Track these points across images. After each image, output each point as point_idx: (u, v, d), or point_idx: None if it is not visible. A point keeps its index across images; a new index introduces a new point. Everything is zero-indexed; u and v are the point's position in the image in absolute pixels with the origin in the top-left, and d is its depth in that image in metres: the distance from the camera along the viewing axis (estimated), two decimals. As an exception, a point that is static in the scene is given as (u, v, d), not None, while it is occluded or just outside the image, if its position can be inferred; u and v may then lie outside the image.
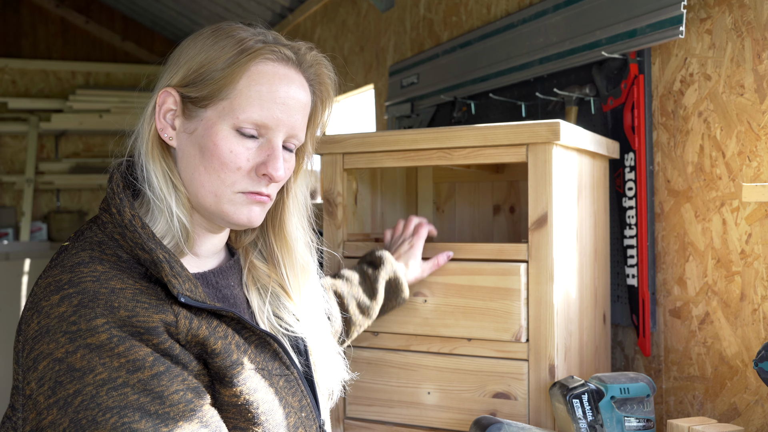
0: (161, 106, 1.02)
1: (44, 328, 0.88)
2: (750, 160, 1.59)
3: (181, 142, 1.03)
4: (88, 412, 0.84)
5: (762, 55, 1.57)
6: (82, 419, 0.84)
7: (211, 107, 1.00)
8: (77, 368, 0.85)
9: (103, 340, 0.86)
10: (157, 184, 1.00)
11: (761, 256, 1.56)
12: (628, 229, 1.85)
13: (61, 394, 0.85)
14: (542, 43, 2.12)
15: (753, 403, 1.58)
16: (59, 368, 0.86)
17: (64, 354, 0.86)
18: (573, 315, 1.56)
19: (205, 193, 1.02)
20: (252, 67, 1.01)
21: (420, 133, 1.57)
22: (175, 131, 1.03)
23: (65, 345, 0.86)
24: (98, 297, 0.88)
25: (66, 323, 0.87)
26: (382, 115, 3.32)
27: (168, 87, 1.01)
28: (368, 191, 1.91)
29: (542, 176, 1.46)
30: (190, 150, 1.02)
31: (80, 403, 0.84)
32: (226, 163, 1.00)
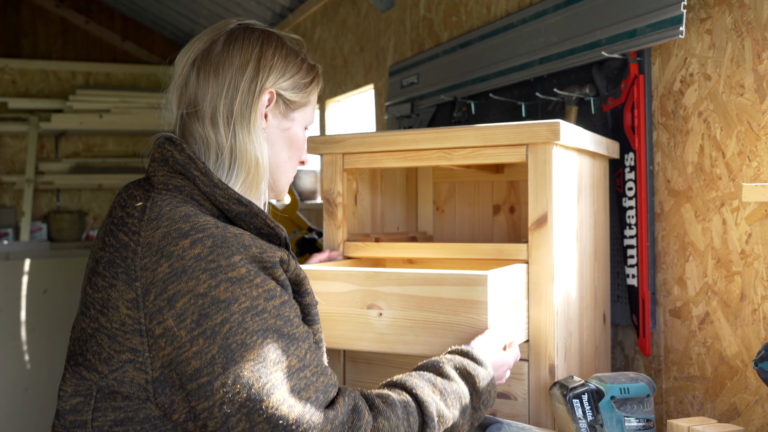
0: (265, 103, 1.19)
1: (179, 269, 1.01)
2: (750, 160, 1.59)
3: (271, 134, 1.22)
4: (237, 336, 0.99)
5: (762, 55, 1.57)
6: (231, 344, 0.98)
7: (299, 111, 1.25)
8: (222, 299, 0.99)
9: (243, 273, 1.01)
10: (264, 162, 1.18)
11: (761, 256, 1.56)
12: (628, 229, 1.85)
13: (208, 325, 0.99)
14: (542, 43, 2.12)
15: (753, 403, 1.58)
16: (203, 302, 0.99)
17: (206, 288, 0.99)
18: (573, 315, 1.56)
19: (284, 177, 1.25)
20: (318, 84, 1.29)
21: (420, 133, 1.57)
22: (267, 123, 1.21)
23: (207, 281, 1.00)
24: (228, 239, 1.03)
25: (204, 262, 1.01)
26: (382, 115, 3.32)
27: (272, 88, 1.20)
28: (368, 191, 1.91)
29: (542, 176, 1.46)
30: (280, 142, 1.23)
31: (228, 330, 0.99)
32: (300, 155, 1.28)
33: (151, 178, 1.13)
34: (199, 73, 1.17)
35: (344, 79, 3.90)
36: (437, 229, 2.18)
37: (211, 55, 1.17)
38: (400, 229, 2.08)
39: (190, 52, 1.19)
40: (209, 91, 1.16)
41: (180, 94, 1.18)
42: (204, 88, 1.16)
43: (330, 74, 4.12)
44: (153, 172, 1.14)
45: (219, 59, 1.17)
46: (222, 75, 1.16)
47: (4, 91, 6.16)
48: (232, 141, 1.15)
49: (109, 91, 6.17)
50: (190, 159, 1.12)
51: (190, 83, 1.17)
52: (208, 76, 1.16)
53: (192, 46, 1.20)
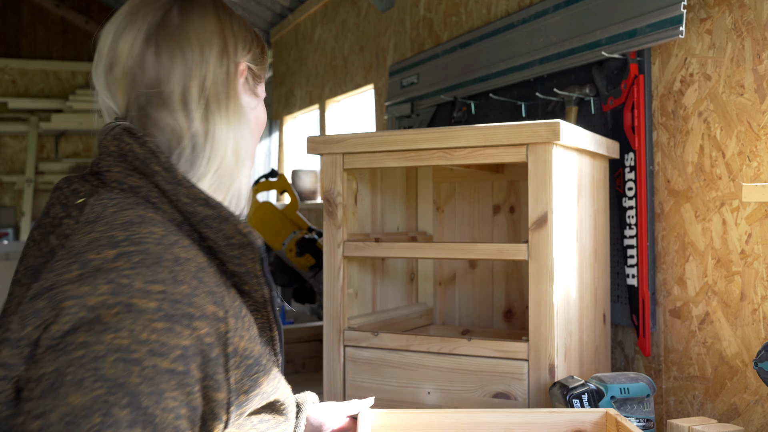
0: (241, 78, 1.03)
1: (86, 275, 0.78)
2: (750, 160, 1.59)
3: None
4: (81, 371, 0.73)
5: (762, 55, 1.57)
6: (68, 374, 0.73)
7: (260, 85, 1.07)
8: (103, 322, 0.75)
9: (150, 307, 0.77)
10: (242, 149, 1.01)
11: (761, 256, 1.56)
12: (628, 229, 1.85)
13: (69, 339, 0.75)
14: (542, 43, 2.12)
15: (753, 403, 1.58)
16: (84, 315, 0.76)
17: (97, 304, 0.76)
18: (573, 315, 1.56)
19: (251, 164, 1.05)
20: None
21: (420, 133, 1.57)
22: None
23: (105, 295, 0.77)
24: (162, 262, 0.81)
25: (117, 274, 0.78)
26: (382, 115, 3.32)
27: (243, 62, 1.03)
28: (368, 191, 1.91)
29: (542, 176, 1.46)
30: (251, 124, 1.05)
31: (79, 357, 0.73)
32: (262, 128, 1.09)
33: (102, 174, 0.94)
34: (159, 50, 0.97)
35: (344, 79, 3.90)
36: (437, 229, 2.18)
37: (168, 27, 0.98)
38: (400, 229, 2.08)
39: (136, 27, 0.98)
40: (176, 70, 0.97)
41: (133, 78, 0.98)
42: (168, 67, 0.97)
43: (330, 74, 4.12)
44: (107, 167, 0.94)
45: (180, 32, 0.98)
46: (189, 49, 0.98)
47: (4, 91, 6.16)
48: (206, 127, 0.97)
49: (109, 91, 6.16)
50: (152, 153, 0.92)
51: (147, 63, 0.97)
52: (173, 52, 0.97)
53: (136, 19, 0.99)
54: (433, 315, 2.18)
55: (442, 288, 2.18)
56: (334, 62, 4.05)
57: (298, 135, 5.21)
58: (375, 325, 1.82)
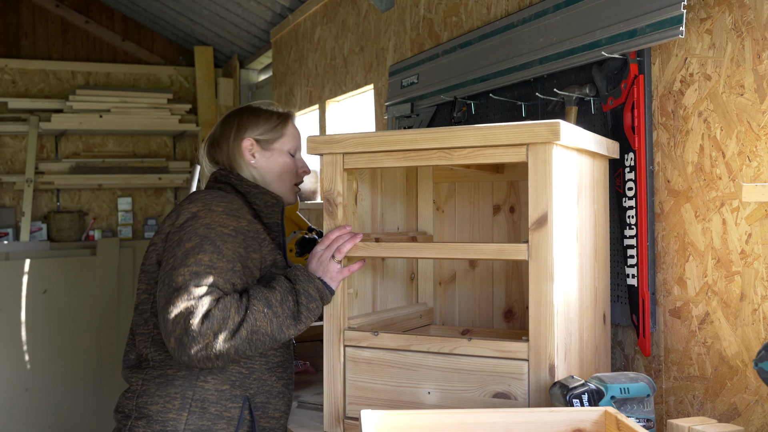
0: (246, 148, 1.91)
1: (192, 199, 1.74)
2: (750, 160, 1.59)
3: (261, 162, 1.92)
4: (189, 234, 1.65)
5: (762, 55, 1.57)
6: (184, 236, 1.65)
7: (276, 143, 1.94)
8: (198, 216, 1.68)
9: (218, 209, 1.70)
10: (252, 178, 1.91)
11: (761, 256, 1.56)
12: (628, 229, 1.85)
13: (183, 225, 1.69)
14: (542, 43, 2.12)
15: (753, 403, 1.58)
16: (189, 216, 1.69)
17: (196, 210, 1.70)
18: (573, 315, 1.56)
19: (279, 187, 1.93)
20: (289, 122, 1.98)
21: (420, 133, 1.57)
22: (255, 158, 1.91)
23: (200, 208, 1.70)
24: (225, 198, 1.75)
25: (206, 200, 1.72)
26: (382, 115, 3.32)
27: (248, 137, 1.91)
28: (368, 191, 1.91)
29: (542, 176, 1.46)
30: (270, 168, 1.92)
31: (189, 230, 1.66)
32: (289, 170, 1.95)
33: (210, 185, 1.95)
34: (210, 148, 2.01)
35: (344, 79, 3.90)
36: (437, 229, 2.18)
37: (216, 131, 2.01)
38: (400, 229, 2.08)
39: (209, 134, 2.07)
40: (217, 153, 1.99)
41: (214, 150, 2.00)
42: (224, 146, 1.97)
43: (330, 74, 4.12)
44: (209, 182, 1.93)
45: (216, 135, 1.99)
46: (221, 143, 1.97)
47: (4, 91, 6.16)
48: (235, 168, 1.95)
49: (109, 91, 6.16)
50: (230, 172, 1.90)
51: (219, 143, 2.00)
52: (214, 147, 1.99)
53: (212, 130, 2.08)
54: (433, 315, 2.18)
55: (442, 288, 2.18)
56: (334, 62, 4.05)
57: (298, 135, 5.20)
58: (375, 325, 1.82)
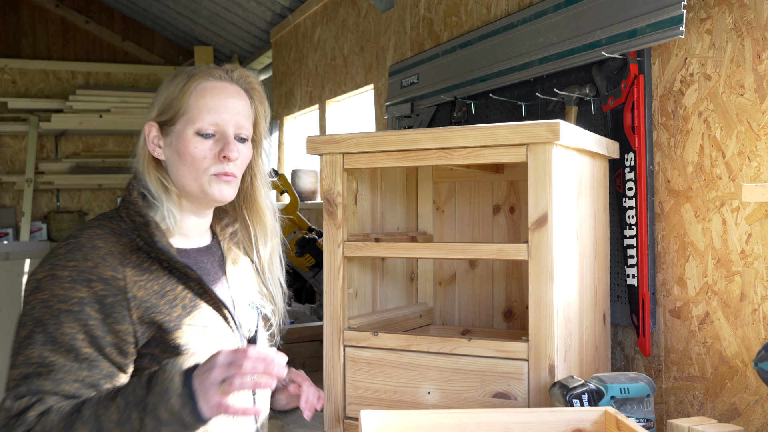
0: (148, 135, 1.39)
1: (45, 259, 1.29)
2: (750, 160, 1.59)
3: (165, 154, 1.39)
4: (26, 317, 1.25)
5: (762, 55, 1.57)
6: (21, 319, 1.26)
7: (178, 123, 1.37)
8: (39, 287, 1.25)
9: (63, 275, 1.24)
10: (154, 189, 1.37)
11: (761, 256, 1.56)
12: (628, 229, 1.85)
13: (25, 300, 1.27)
14: (542, 43, 2.12)
15: (753, 403, 1.58)
16: (34, 285, 1.27)
17: (41, 276, 1.26)
18: (573, 315, 1.56)
19: (189, 182, 1.37)
20: (196, 86, 1.37)
21: (420, 133, 1.57)
22: (161, 149, 1.39)
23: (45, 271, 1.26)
24: (82, 248, 1.27)
25: (56, 258, 1.27)
26: (382, 115, 3.32)
27: (150, 121, 1.39)
28: (368, 191, 1.91)
29: (542, 176, 1.46)
30: (172, 157, 1.38)
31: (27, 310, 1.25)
32: (196, 156, 1.36)
33: None
34: None
35: (344, 79, 3.90)
36: (437, 229, 2.18)
37: None
38: (400, 229, 2.08)
39: None
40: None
41: None
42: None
43: (330, 74, 4.12)
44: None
45: None
46: None
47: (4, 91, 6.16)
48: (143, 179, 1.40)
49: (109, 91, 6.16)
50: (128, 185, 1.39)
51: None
52: None
53: None
54: (433, 315, 2.18)
55: (442, 288, 2.18)
56: (334, 62, 4.05)
57: (298, 135, 5.21)
58: (375, 325, 1.82)
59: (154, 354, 1.27)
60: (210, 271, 1.43)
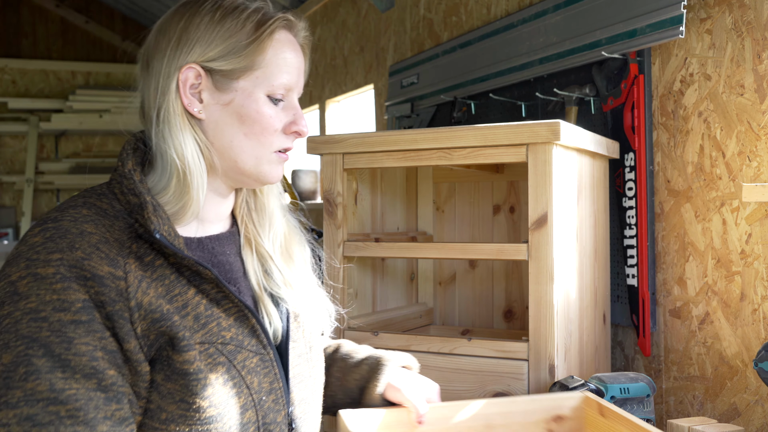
0: (185, 82, 1.04)
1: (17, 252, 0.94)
2: (750, 160, 1.59)
3: (212, 113, 1.06)
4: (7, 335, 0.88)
5: (762, 55, 1.57)
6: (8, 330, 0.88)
7: (244, 78, 1.05)
8: (18, 292, 0.90)
9: (49, 273, 0.90)
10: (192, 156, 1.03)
11: (761, 256, 1.56)
12: (628, 229, 1.85)
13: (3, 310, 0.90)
14: (542, 43, 2.12)
15: (753, 403, 1.58)
16: (8, 290, 0.91)
17: (17, 278, 0.91)
18: (573, 315, 1.56)
19: (246, 157, 1.07)
20: (277, 37, 1.08)
21: (420, 133, 1.57)
22: (203, 104, 1.05)
23: (21, 270, 0.91)
24: (66, 235, 0.93)
25: (32, 251, 0.92)
26: (382, 115, 3.32)
27: (191, 63, 1.03)
28: (368, 191, 1.91)
29: (542, 176, 1.46)
30: (226, 119, 1.06)
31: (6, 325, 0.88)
32: (267, 127, 1.07)
33: None
34: (141, 69, 1.08)
35: (344, 79, 3.90)
36: (437, 229, 2.18)
37: (147, 45, 1.07)
38: (400, 229, 2.08)
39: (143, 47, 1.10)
40: (144, 86, 1.07)
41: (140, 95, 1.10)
42: (142, 85, 1.07)
43: (330, 74, 4.12)
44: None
45: (150, 47, 1.06)
46: (150, 65, 1.05)
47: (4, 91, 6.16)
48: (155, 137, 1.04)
49: (109, 91, 6.17)
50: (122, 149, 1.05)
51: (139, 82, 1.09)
52: (144, 69, 1.07)
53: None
54: (433, 315, 2.18)
55: (442, 288, 2.18)
56: (334, 62, 4.05)
57: (298, 135, 5.20)
58: (375, 325, 1.82)
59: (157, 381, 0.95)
60: (233, 266, 1.12)
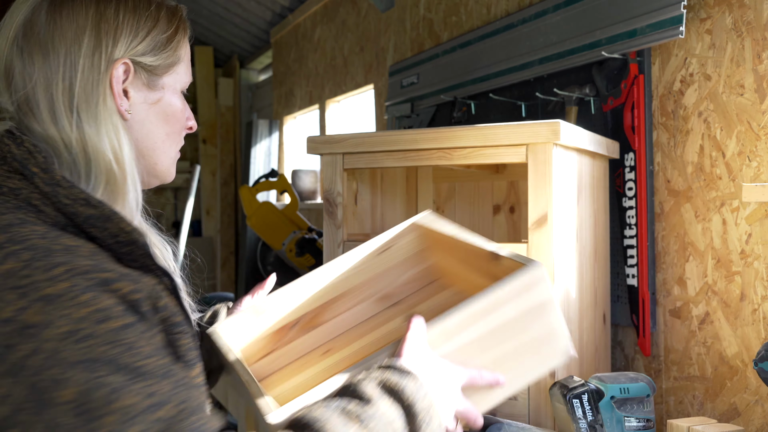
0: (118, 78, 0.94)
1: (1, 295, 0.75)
2: (750, 160, 1.59)
3: (139, 112, 0.98)
4: (50, 371, 0.72)
5: (762, 55, 1.57)
6: (42, 380, 0.71)
7: (168, 75, 1.00)
8: (31, 324, 0.73)
9: (64, 288, 0.75)
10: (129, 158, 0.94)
11: (761, 256, 1.56)
12: (628, 229, 1.85)
13: (13, 359, 0.72)
14: (542, 43, 2.12)
15: (753, 403, 1.58)
16: (7, 330, 0.73)
17: (13, 313, 0.73)
18: (573, 315, 1.56)
19: (165, 158, 1.02)
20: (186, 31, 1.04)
21: (420, 133, 1.57)
22: (130, 102, 0.96)
23: (14, 302, 0.74)
24: (53, 251, 0.78)
25: (14, 278, 0.75)
26: (382, 115, 3.32)
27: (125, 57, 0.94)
28: (368, 191, 1.91)
29: (542, 176, 1.46)
30: (152, 119, 0.99)
31: (40, 363, 0.72)
32: (183, 126, 1.03)
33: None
34: (23, 54, 0.92)
35: (344, 79, 3.90)
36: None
37: (34, 27, 0.91)
38: (400, 229, 2.08)
39: (7, 27, 0.93)
40: (40, 75, 0.91)
41: (7, 83, 0.93)
42: (32, 72, 0.91)
43: (330, 74, 4.12)
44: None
45: (45, 32, 0.91)
46: (54, 52, 0.91)
47: (4, 91, 6.15)
48: (80, 137, 0.91)
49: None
50: (29, 153, 0.87)
51: (14, 68, 0.92)
52: (35, 56, 0.91)
53: (9, 20, 0.94)
54: (433, 315, 2.17)
55: (442, 288, 2.18)
56: (334, 62, 4.05)
57: (298, 135, 5.22)
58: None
59: None
60: None
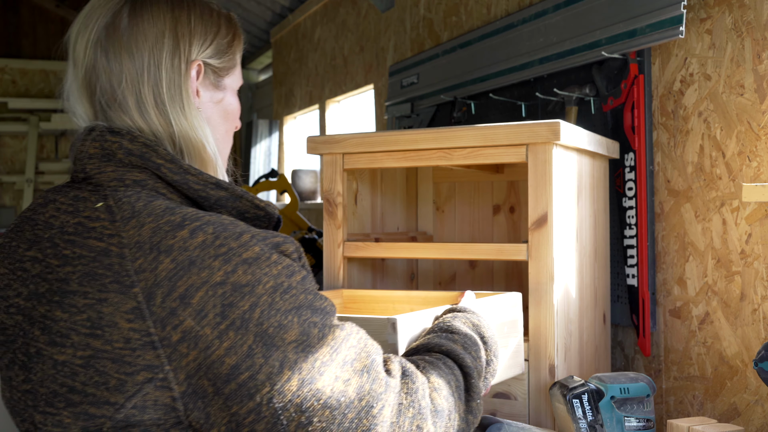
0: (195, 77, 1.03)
1: (185, 261, 0.86)
2: (750, 160, 1.59)
3: (206, 110, 1.06)
4: (272, 319, 0.85)
5: (762, 55, 1.57)
6: (268, 329, 0.85)
7: (229, 76, 1.09)
8: (244, 284, 0.85)
9: (258, 252, 0.88)
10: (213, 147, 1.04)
11: (761, 256, 1.56)
12: (628, 229, 1.85)
13: (235, 314, 0.85)
14: (542, 43, 2.12)
15: (753, 403, 1.58)
16: (223, 291, 0.85)
17: (223, 276, 0.85)
18: (573, 315, 1.56)
19: (225, 153, 1.11)
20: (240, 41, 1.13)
21: (420, 133, 1.57)
22: (200, 101, 1.05)
23: (221, 267, 0.86)
24: (226, 224, 0.89)
25: (212, 248, 0.86)
26: (382, 115, 3.32)
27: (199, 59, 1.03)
28: (368, 191, 1.91)
29: (542, 176, 1.46)
30: (216, 117, 1.08)
31: (260, 314, 0.85)
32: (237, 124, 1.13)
33: (93, 177, 0.95)
34: (108, 55, 0.99)
35: (344, 79, 3.90)
36: (437, 229, 2.18)
37: (117, 30, 0.99)
38: (400, 229, 2.08)
39: (88, 31, 1.01)
40: (126, 74, 0.99)
41: (89, 83, 1.01)
42: (118, 72, 0.99)
43: (330, 74, 4.12)
44: (97, 170, 0.95)
45: (129, 34, 0.99)
46: (138, 53, 0.99)
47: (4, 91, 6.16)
48: (170, 129, 1.00)
49: (109, 91, 6.17)
50: (146, 147, 0.96)
51: (99, 69, 1.00)
52: (122, 56, 0.99)
53: (89, 23, 1.01)
54: (433, 315, 2.17)
55: (442, 288, 2.18)
56: (334, 62, 4.05)
57: (298, 135, 5.22)
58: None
59: None
60: None
